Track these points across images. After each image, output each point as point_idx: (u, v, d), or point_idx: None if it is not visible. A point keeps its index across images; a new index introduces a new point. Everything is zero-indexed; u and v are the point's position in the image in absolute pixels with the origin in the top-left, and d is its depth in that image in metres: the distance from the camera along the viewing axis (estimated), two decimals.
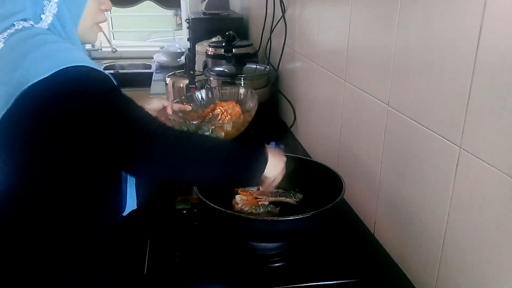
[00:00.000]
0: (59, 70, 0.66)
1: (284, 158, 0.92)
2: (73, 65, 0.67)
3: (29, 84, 0.65)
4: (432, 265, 0.82)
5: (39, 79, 0.65)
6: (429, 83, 0.79)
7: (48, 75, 0.66)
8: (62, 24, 0.78)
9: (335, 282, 0.87)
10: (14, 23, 0.74)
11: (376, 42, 0.99)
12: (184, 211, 1.11)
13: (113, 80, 0.72)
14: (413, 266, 0.89)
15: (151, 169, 0.74)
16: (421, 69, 0.81)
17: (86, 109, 0.68)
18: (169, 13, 3.95)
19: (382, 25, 0.95)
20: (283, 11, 1.69)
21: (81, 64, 0.68)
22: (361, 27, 1.07)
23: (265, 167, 0.84)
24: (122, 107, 0.72)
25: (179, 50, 3.11)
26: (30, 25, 0.75)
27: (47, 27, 0.77)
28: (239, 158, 0.83)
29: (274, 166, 0.87)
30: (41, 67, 0.67)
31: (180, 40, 3.55)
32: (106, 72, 0.73)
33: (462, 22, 0.69)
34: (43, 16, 0.76)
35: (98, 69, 0.71)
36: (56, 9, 0.76)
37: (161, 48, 3.17)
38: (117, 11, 3.86)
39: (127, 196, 0.87)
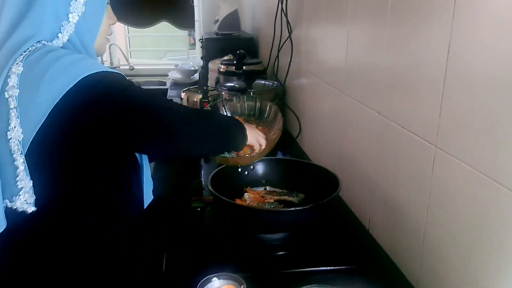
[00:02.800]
0: (79, 80, 0.73)
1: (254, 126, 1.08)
2: (90, 73, 0.74)
3: (56, 102, 0.72)
4: (416, 253, 0.93)
5: (63, 94, 0.72)
6: (411, 94, 0.92)
7: (70, 87, 0.72)
8: (81, 42, 0.83)
9: (331, 267, 0.98)
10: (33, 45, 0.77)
11: (369, 60, 1.13)
12: (198, 209, 1.24)
13: (126, 77, 0.81)
14: (400, 255, 1.00)
15: (161, 146, 0.84)
16: (405, 83, 0.94)
17: (111, 108, 0.76)
18: (183, 33, 4.16)
19: (374, 45, 1.09)
20: (290, 32, 1.84)
21: (97, 71, 0.75)
22: (356, 46, 1.21)
23: (245, 134, 1.00)
24: (139, 97, 0.81)
25: (192, 68, 3.28)
26: (43, 44, 0.78)
27: (61, 45, 0.81)
28: (230, 128, 0.99)
29: (251, 133, 1.03)
30: (61, 80, 0.73)
31: (194, 59, 3.74)
32: (117, 71, 0.81)
33: (434, 44, 0.82)
34: (59, 35, 0.80)
35: (112, 71, 0.78)
36: (74, 29, 0.81)
37: (175, 66, 3.35)
38: (135, 31, 4.07)
39: (145, 187, 0.94)
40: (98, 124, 0.76)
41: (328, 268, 0.98)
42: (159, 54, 5.08)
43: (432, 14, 0.83)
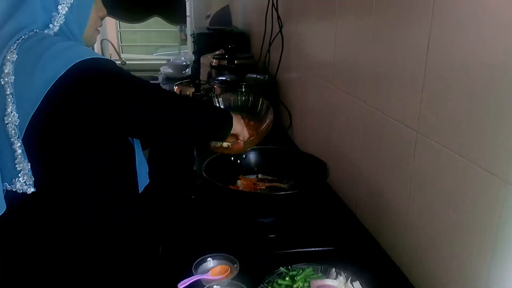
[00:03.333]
0: (73, 65, 0.76)
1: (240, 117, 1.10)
2: (83, 58, 0.78)
3: (50, 85, 0.75)
4: (399, 234, 0.99)
5: (56, 78, 0.74)
6: (394, 84, 0.98)
7: (64, 72, 0.75)
8: (71, 32, 0.86)
9: (319, 248, 1.04)
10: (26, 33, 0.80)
11: (355, 54, 1.18)
12: (193, 196, 1.29)
13: (115, 63, 0.85)
14: (385, 236, 1.06)
15: (155, 126, 0.87)
16: (389, 74, 1.00)
17: (105, 90, 0.79)
18: (174, 28, 4.17)
19: (360, 40, 1.14)
20: (281, 27, 1.89)
21: (90, 57, 0.79)
22: (344, 41, 1.26)
23: (231, 122, 1.03)
24: (132, 79, 0.85)
25: (184, 63, 3.31)
26: (35, 32, 0.81)
27: (52, 34, 0.84)
28: (218, 114, 1.03)
29: (237, 122, 1.05)
30: (55, 65, 0.75)
31: (185, 54, 3.76)
32: (107, 58, 0.85)
33: (415, 39, 0.88)
34: (50, 25, 0.84)
35: (102, 57, 0.83)
36: (64, 20, 0.84)
37: (167, 61, 3.37)
38: (126, 26, 4.08)
39: (140, 170, 0.98)
40: (92, 106, 0.79)
41: (317, 249, 1.04)
42: (150, 50, 5.10)
43: (412, 11, 0.89)
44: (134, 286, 0.98)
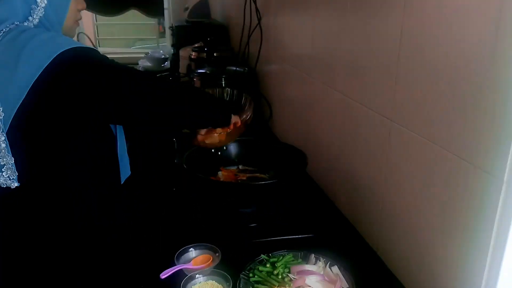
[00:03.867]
0: (57, 55, 0.76)
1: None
2: (66, 48, 0.78)
3: (35, 78, 0.75)
4: (376, 220, 1.02)
5: (41, 70, 0.74)
6: (370, 75, 1.01)
7: (48, 63, 0.75)
8: (50, 24, 0.86)
9: (300, 236, 1.07)
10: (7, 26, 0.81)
11: (332, 46, 1.21)
12: (174, 189, 1.29)
13: (99, 52, 0.85)
14: (363, 223, 1.09)
15: (145, 110, 0.86)
16: (364, 65, 1.03)
17: (92, 78, 0.79)
18: (152, 21, 4.13)
19: (336, 32, 1.17)
20: (259, 19, 1.90)
21: (73, 46, 0.79)
22: (321, 34, 1.28)
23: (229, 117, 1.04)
24: (118, 66, 0.85)
25: (163, 56, 3.28)
26: (16, 25, 0.82)
27: (32, 26, 0.84)
28: (216, 100, 1.04)
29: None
30: (38, 57, 0.75)
31: (164, 47, 3.73)
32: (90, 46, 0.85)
33: (388, 31, 0.90)
34: (30, 18, 0.84)
35: (86, 46, 0.83)
36: (43, 12, 0.85)
37: (146, 54, 3.34)
38: (103, 20, 4.01)
39: (122, 162, 0.98)
40: (78, 96, 0.78)
41: (297, 236, 1.06)
42: (128, 43, 5.03)
43: (385, 4, 0.91)
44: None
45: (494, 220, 0.65)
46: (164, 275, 0.87)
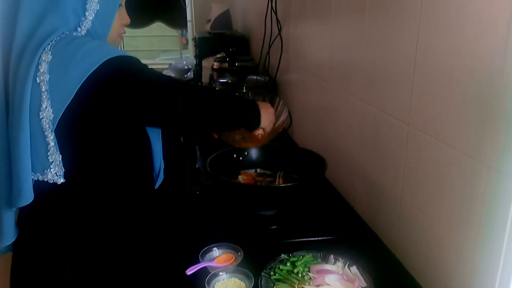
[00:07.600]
0: (103, 62, 0.81)
1: (272, 109, 1.10)
2: (112, 56, 0.83)
3: (82, 81, 0.80)
4: (393, 223, 1.05)
5: (88, 74, 0.80)
6: (387, 82, 1.04)
7: (95, 68, 0.80)
8: (96, 36, 0.91)
9: (319, 238, 1.10)
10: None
11: (351, 55, 1.25)
12: (198, 192, 1.35)
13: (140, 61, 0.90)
14: (381, 226, 1.12)
15: (179, 115, 0.90)
16: (382, 73, 1.06)
17: (132, 86, 0.85)
18: (175, 34, 4.25)
19: (355, 41, 1.21)
20: (279, 30, 1.96)
21: (118, 55, 0.84)
22: (340, 43, 1.33)
23: (259, 115, 1.03)
24: (157, 75, 0.90)
25: (186, 67, 3.38)
26: (66, 34, 0.86)
27: (80, 36, 0.89)
28: (246, 104, 1.04)
29: (266, 116, 1.05)
30: (87, 62, 0.81)
31: (187, 58, 3.83)
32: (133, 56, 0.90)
33: (405, 41, 0.94)
34: (78, 29, 0.89)
35: (130, 55, 0.87)
36: (91, 25, 0.90)
37: (169, 65, 3.44)
38: (128, 32, 4.14)
39: (156, 167, 1.04)
40: (120, 101, 0.84)
41: (316, 238, 1.10)
42: (152, 55, 5.16)
43: (402, 14, 0.95)
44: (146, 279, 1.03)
45: (507, 219, 0.68)
46: (190, 271, 0.92)
